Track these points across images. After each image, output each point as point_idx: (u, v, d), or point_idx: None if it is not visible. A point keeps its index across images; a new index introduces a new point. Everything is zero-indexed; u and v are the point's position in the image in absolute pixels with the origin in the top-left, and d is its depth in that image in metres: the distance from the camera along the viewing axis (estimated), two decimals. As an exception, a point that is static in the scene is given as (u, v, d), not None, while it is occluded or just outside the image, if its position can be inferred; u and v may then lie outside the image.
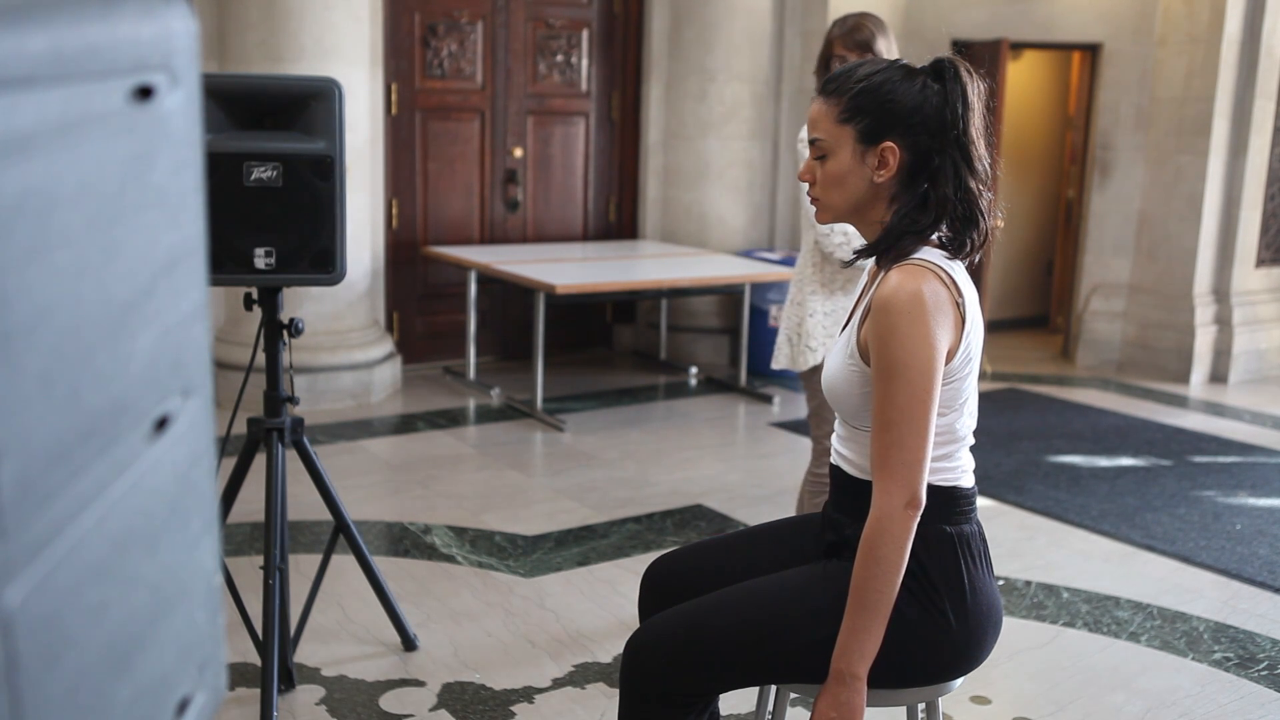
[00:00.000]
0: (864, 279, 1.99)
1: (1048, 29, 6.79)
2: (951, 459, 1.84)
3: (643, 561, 3.53)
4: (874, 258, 1.88)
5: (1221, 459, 5.11)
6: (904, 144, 1.81)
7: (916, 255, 1.79)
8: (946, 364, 1.76)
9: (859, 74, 1.85)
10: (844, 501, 1.91)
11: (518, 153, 6.40)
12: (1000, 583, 3.54)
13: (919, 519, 1.77)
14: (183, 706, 0.76)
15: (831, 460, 1.96)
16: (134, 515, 0.69)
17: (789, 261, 6.22)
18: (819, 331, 3.02)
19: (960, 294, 1.78)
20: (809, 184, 1.89)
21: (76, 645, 0.63)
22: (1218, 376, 6.66)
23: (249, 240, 2.49)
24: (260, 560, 2.85)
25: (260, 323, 2.67)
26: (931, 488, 1.81)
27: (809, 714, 1.76)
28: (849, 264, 1.97)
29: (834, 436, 1.96)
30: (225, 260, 2.48)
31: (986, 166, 1.84)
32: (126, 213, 0.66)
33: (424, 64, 6.05)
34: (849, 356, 1.83)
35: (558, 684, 2.89)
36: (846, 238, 2.93)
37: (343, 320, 5.44)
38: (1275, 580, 3.73)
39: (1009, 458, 4.98)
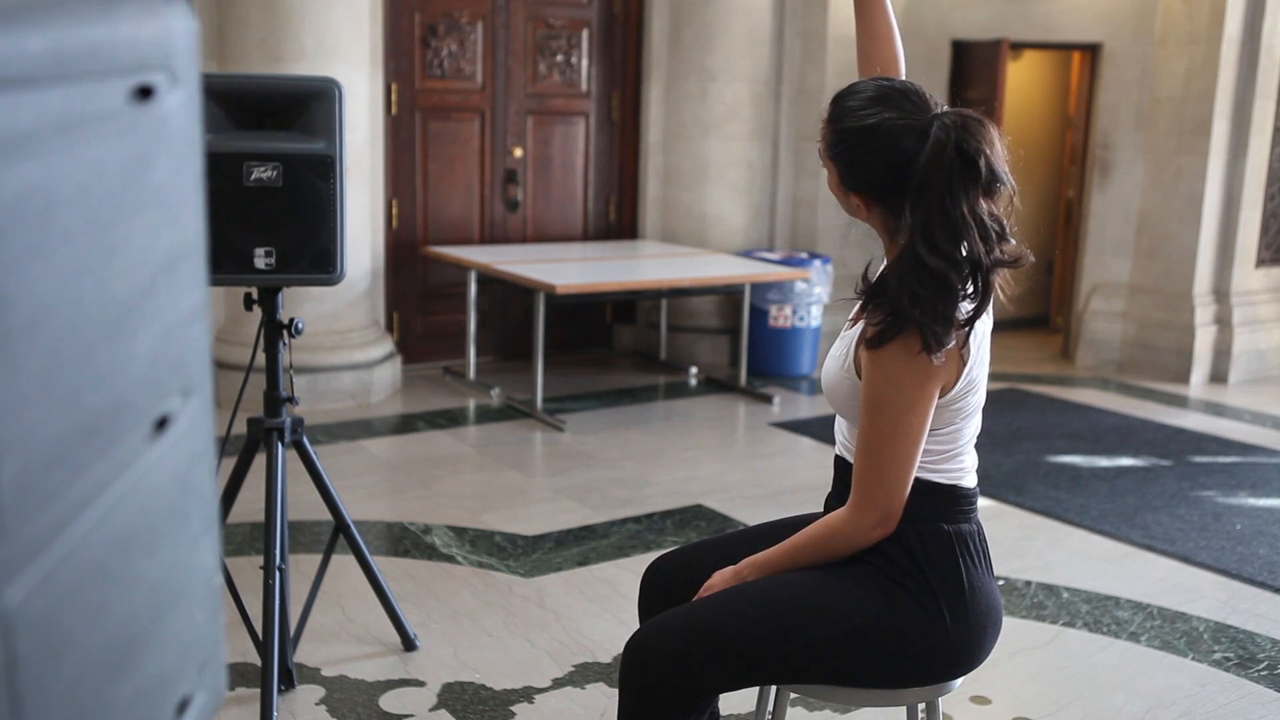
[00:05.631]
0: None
1: (1048, 29, 6.79)
2: (955, 459, 1.84)
3: (643, 561, 3.53)
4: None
5: (1221, 459, 5.10)
6: (876, 203, 1.78)
7: None
8: (946, 394, 1.76)
9: (852, 107, 1.77)
10: (848, 493, 1.91)
11: (518, 153, 6.40)
12: (1000, 583, 3.54)
13: (916, 516, 1.78)
14: (183, 706, 0.76)
15: (835, 451, 1.97)
16: (134, 515, 0.69)
17: (789, 261, 6.22)
18: None
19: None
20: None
21: (76, 645, 0.63)
22: (1218, 376, 6.65)
23: (249, 240, 2.49)
24: (260, 560, 2.85)
25: (260, 323, 2.67)
26: (932, 485, 1.81)
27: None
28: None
29: (836, 429, 1.97)
30: (225, 260, 2.48)
31: (984, 220, 1.70)
32: (126, 213, 0.66)
33: (424, 64, 6.05)
34: (844, 368, 1.82)
35: (558, 684, 2.89)
36: None
37: (343, 320, 5.44)
38: (1275, 580, 3.73)
39: (1009, 458, 4.98)
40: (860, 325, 1.82)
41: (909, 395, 1.71)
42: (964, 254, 1.69)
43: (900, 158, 1.71)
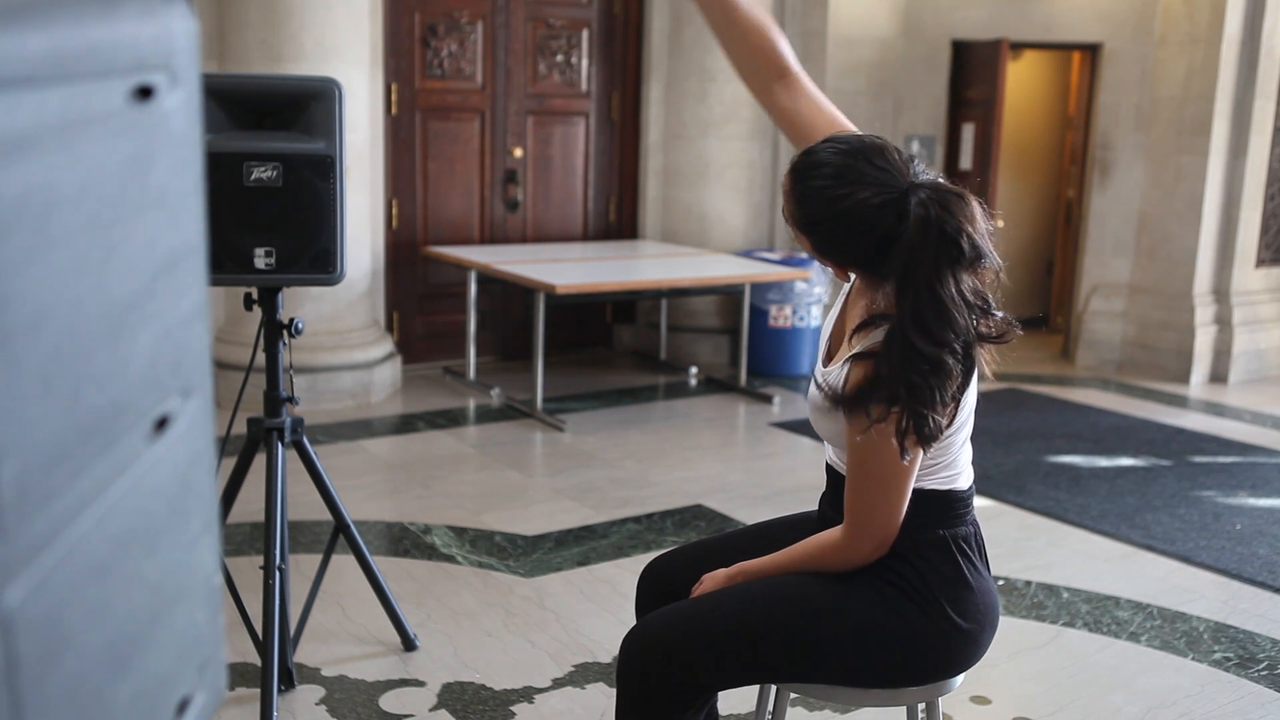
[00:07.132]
0: (843, 300, 1.95)
1: (1048, 29, 6.79)
2: (949, 467, 1.84)
3: (643, 561, 3.52)
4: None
5: (1221, 459, 5.10)
6: (854, 269, 1.77)
7: None
8: None
9: (819, 187, 1.70)
10: (840, 499, 1.91)
11: (518, 153, 6.40)
12: (1000, 583, 3.54)
13: (912, 523, 1.78)
14: (183, 706, 0.76)
15: (826, 459, 1.97)
16: (134, 515, 0.69)
17: (789, 261, 6.22)
18: None
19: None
20: None
21: (76, 645, 0.63)
22: (1218, 376, 6.65)
23: (249, 240, 2.49)
24: (260, 560, 2.85)
25: (260, 323, 2.67)
26: (927, 492, 1.81)
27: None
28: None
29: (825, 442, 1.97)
30: (225, 260, 2.48)
31: (968, 298, 1.67)
32: (126, 213, 0.66)
33: (424, 64, 6.05)
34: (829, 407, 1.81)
35: (558, 684, 2.89)
36: None
37: (343, 320, 5.44)
38: (1275, 580, 3.73)
39: (1009, 458, 4.98)
40: (838, 367, 1.77)
41: (898, 449, 1.70)
42: (952, 331, 1.65)
43: (880, 239, 1.66)
